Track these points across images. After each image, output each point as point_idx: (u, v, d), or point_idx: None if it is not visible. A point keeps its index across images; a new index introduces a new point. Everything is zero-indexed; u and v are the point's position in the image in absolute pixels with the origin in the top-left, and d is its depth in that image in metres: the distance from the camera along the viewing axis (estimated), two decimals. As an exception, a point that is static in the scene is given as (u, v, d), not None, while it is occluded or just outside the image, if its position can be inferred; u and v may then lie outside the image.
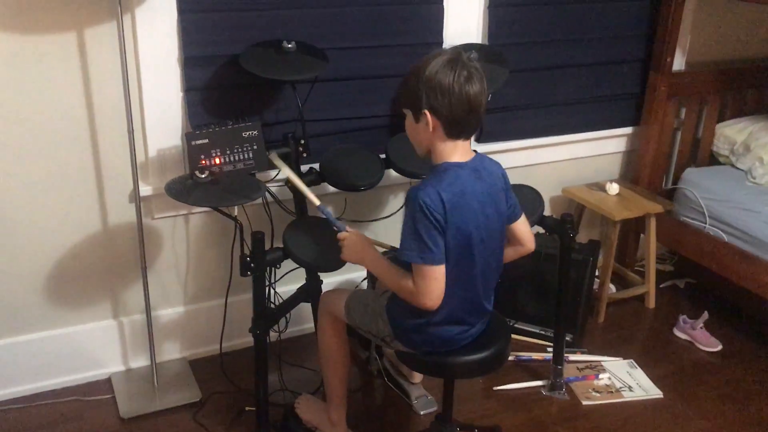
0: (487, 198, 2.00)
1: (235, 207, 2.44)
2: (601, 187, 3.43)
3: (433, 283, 1.94)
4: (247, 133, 2.48)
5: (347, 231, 2.17)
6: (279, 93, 2.75)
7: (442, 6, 2.94)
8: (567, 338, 2.95)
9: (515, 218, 2.16)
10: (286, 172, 2.41)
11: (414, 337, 2.11)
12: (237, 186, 2.39)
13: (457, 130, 1.95)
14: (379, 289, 2.34)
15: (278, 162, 2.47)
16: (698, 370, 3.02)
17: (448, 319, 2.06)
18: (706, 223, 3.29)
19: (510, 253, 2.20)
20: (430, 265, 1.93)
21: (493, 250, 2.08)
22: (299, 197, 2.65)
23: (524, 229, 2.20)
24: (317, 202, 2.31)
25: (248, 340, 2.46)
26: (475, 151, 2.06)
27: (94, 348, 2.78)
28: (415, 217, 1.92)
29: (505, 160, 2.13)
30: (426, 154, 2.04)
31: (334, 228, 2.22)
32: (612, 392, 2.86)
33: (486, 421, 2.67)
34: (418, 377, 2.79)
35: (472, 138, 2.07)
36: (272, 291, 2.60)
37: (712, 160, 3.65)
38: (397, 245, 2.07)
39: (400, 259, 1.98)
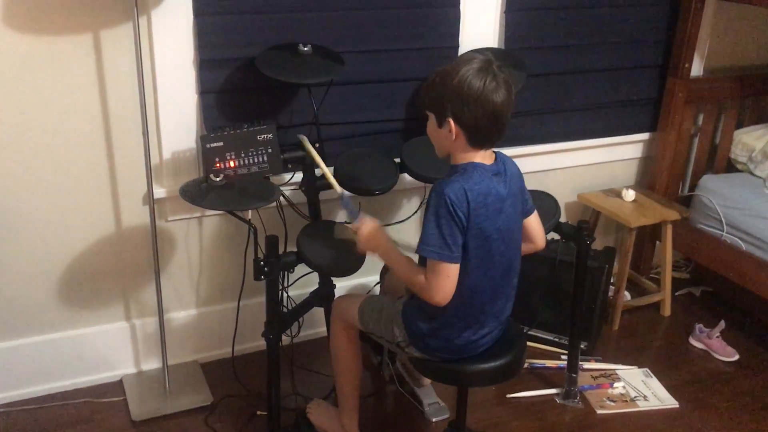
0: (508, 200, 1.99)
1: (249, 210, 2.43)
2: (617, 194, 3.40)
3: (446, 281, 1.93)
4: (262, 136, 2.47)
5: (362, 220, 2.15)
6: (294, 96, 2.74)
7: (459, 10, 2.91)
8: (581, 346, 2.92)
9: (528, 213, 2.16)
10: (312, 155, 2.44)
11: (429, 342, 2.10)
12: (251, 189, 2.39)
13: (479, 140, 1.94)
14: (393, 294, 2.33)
15: (307, 144, 2.50)
16: (714, 380, 2.98)
17: (464, 322, 2.04)
18: (723, 231, 3.26)
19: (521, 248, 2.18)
20: (446, 263, 1.92)
21: (511, 250, 2.06)
22: (313, 201, 2.64)
23: (536, 226, 2.20)
24: (339, 189, 2.35)
25: (260, 343, 2.46)
26: (495, 152, 2.04)
27: (106, 350, 2.78)
28: (439, 212, 1.90)
29: (521, 165, 2.11)
30: (445, 157, 2.04)
31: (350, 216, 2.24)
32: (626, 401, 2.83)
33: (498, 428, 2.65)
34: (426, 380, 2.77)
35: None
36: (285, 295, 2.59)
37: (730, 167, 3.61)
38: (410, 252, 2.06)
39: (416, 251, 1.97)
